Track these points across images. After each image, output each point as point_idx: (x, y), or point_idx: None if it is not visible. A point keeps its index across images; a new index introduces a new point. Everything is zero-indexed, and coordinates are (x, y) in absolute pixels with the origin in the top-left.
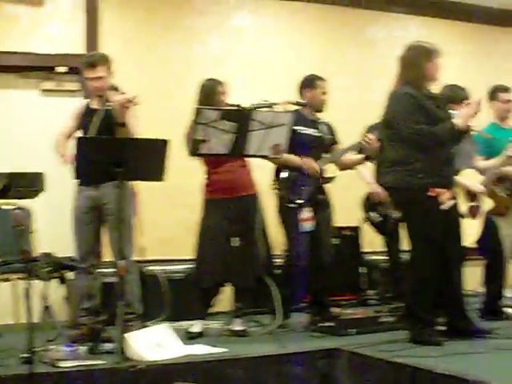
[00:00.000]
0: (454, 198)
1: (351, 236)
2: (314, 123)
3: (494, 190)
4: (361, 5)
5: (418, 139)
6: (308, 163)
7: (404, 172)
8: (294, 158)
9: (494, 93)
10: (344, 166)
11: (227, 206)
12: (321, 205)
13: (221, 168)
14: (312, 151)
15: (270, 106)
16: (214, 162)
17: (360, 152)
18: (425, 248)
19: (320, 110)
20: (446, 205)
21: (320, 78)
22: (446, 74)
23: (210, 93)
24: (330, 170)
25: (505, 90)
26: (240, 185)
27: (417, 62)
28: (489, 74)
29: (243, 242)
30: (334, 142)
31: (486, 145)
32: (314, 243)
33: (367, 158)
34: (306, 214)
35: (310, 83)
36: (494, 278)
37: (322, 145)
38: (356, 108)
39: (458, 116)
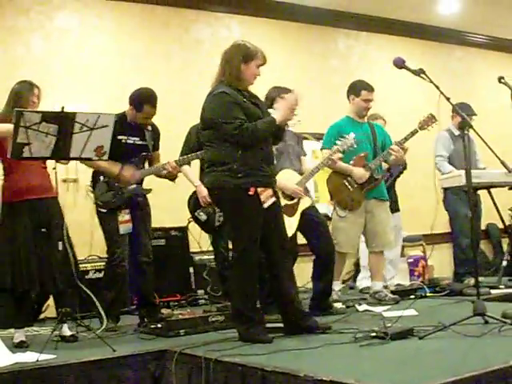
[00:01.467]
0: (274, 195)
1: (179, 236)
2: (138, 132)
3: (344, 184)
4: (184, 5)
5: (238, 137)
6: (126, 175)
7: (223, 172)
8: (112, 167)
9: (358, 89)
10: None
11: (31, 209)
12: (138, 205)
13: (21, 168)
14: (135, 159)
15: None
16: (13, 163)
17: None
18: (246, 247)
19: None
20: (267, 203)
21: (150, 104)
22: (269, 72)
23: (19, 96)
24: None
25: (368, 88)
26: (43, 186)
27: (233, 61)
28: (312, 71)
29: (49, 246)
30: (154, 148)
31: (335, 138)
32: (133, 245)
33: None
34: (124, 216)
35: (137, 106)
36: (322, 274)
37: (143, 153)
38: (179, 108)
39: (276, 110)
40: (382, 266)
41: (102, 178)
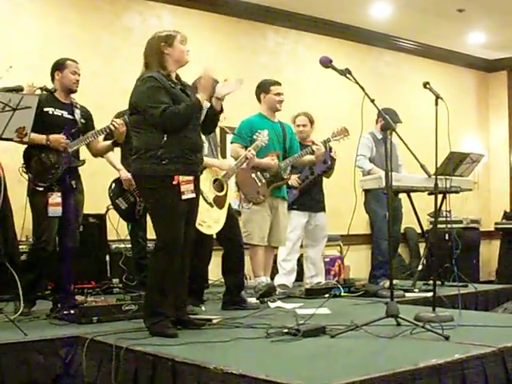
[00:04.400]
0: (195, 190)
1: (96, 224)
2: (67, 106)
3: (252, 177)
4: None
5: (162, 120)
6: (53, 140)
7: (148, 159)
8: (38, 137)
9: (267, 86)
10: (96, 152)
11: None
12: (72, 190)
13: None
14: (63, 133)
15: (17, 90)
16: None
17: (107, 138)
18: (169, 237)
19: (72, 91)
20: (186, 195)
21: (71, 60)
22: (197, 64)
23: None
24: None
25: (276, 83)
26: None
27: (155, 49)
28: (241, 66)
29: None
30: (88, 127)
31: (248, 134)
32: (61, 229)
33: (115, 144)
34: (54, 199)
35: (60, 65)
36: (232, 268)
37: (72, 127)
38: (107, 94)
39: (198, 92)
40: (272, 261)
41: (35, 157)
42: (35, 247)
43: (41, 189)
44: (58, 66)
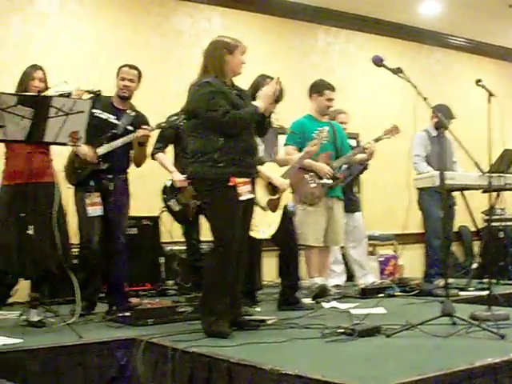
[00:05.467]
0: (252, 191)
1: (150, 226)
2: (117, 111)
3: (305, 179)
4: None
5: (224, 123)
6: (80, 149)
7: (205, 162)
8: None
9: (321, 89)
10: (134, 161)
11: (20, 192)
12: (110, 192)
13: (17, 152)
14: (101, 136)
15: (67, 94)
16: (11, 145)
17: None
18: (225, 238)
19: (121, 97)
20: (244, 196)
21: (125, 65)
22: (248, 66)
23: (24, 78)
24: None
25: (331, 88)
26: (36, 171)
27: (216, 54)
28: (292, 67)
29: (37, 231)
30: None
31: (298, 135)
32: (104, 231)
33: (140, 144)
34: (93, 199)
35: (117, 72)
36: (287, 269)
37: (112, 131)
38: (159, 96)
39: (259, 98)
40: (328, 262)
41: (68, 159)
42: (80, 247)
43: (70, 186)
44: (117, 72)
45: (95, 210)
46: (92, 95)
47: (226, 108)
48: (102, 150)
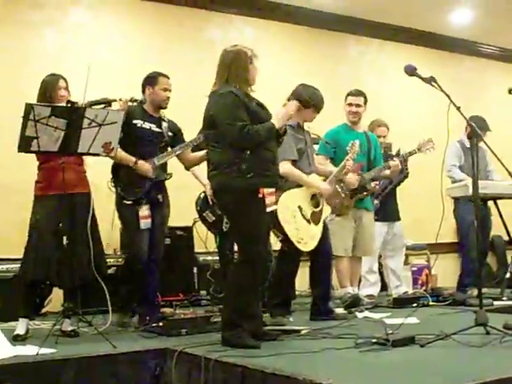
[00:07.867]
0: (276, 202)
1: (184, 236)
2: (155, 119)
3: (336, 189)
4: (196, 5)
5: (239, 139)
6: (140, 166)
7: (231, 173)
8: (127, 158)
9: (346, 97)
10: (189, 164)
11: (56, 203)
12: (157, 204)
13: (52, 164)
14: (150, 146)
15: (107, 103)
16: (45, 157)
17: (194, 150)
18: (253, 250)
19: (162, 107)
20: (269, 208)
21: (163, 75)
22: (278, 75)
23: (49, 88)
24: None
25: (350, 94)
26: (71, 182)
27: (240, 63)
28: (321, 77)
29: (72, 241)
30: (177, 140)
31: (332, 145)
32: (149, 242)
33: None
34: (144, 211)
35: (151, 80)
36: (319, 278)
37: (160, 140)
38: (193, 106)
39: (275, 116)
40: (359, 272)
41: (123, 171)
42: (128, 259)
43: (129, 202)
44: (149, 81)
45: (146, 223)
46: (135, 104)
47: (244, 122)
48: (161, 161)
